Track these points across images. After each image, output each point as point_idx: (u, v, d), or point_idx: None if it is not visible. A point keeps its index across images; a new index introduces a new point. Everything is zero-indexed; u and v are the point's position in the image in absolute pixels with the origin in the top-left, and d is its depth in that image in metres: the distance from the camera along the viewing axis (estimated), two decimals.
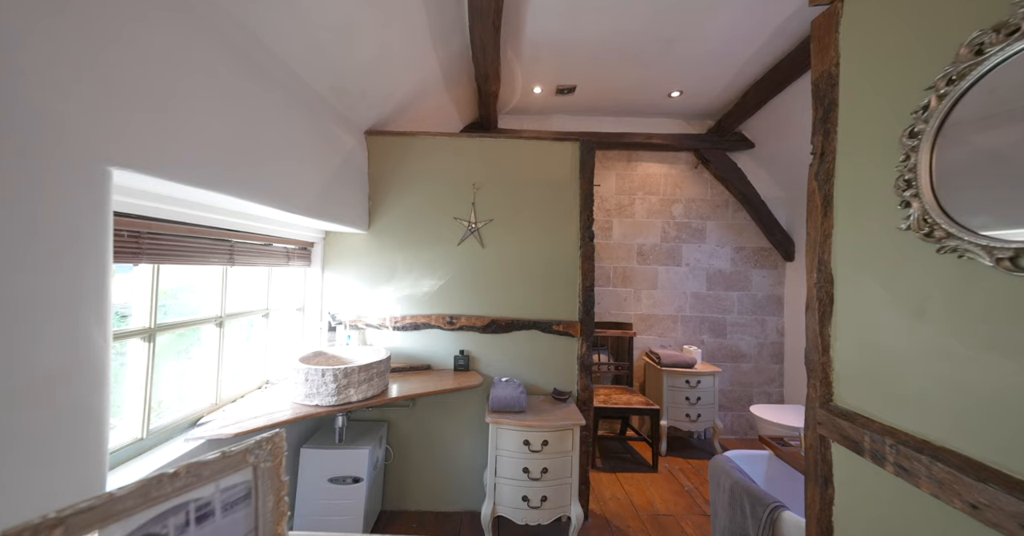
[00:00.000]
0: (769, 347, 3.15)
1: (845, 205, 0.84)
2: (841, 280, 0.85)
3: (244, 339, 1.48)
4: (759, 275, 3.15)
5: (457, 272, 2.01)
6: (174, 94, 0.83)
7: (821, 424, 0.87)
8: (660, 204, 3.12)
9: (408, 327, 1.95)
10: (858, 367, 0.80)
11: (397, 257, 1.98)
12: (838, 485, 0.84)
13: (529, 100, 2.77)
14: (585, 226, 2.00)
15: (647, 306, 3.09)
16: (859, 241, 0.80)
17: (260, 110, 1.12)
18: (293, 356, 1.38)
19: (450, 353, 1.98)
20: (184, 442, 1.03)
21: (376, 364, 1.43)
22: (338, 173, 1.63)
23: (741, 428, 3.12)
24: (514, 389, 1.78)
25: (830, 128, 0.89)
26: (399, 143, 1.99)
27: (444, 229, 2.01)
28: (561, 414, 1.74)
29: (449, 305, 2.00)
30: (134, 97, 0.74)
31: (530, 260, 2.02)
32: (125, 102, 0.72)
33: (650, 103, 2.80)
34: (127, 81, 0.72)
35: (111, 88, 0.69)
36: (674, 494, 2.27)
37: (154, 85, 0.78)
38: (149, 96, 0.77)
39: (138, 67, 0.74)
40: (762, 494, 1.21)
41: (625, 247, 3.09)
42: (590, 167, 2.00)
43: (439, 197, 2.02)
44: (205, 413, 1.16)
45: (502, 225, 2.03)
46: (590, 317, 1.98)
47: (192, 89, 0.87)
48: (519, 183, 2.04)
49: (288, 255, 1.59)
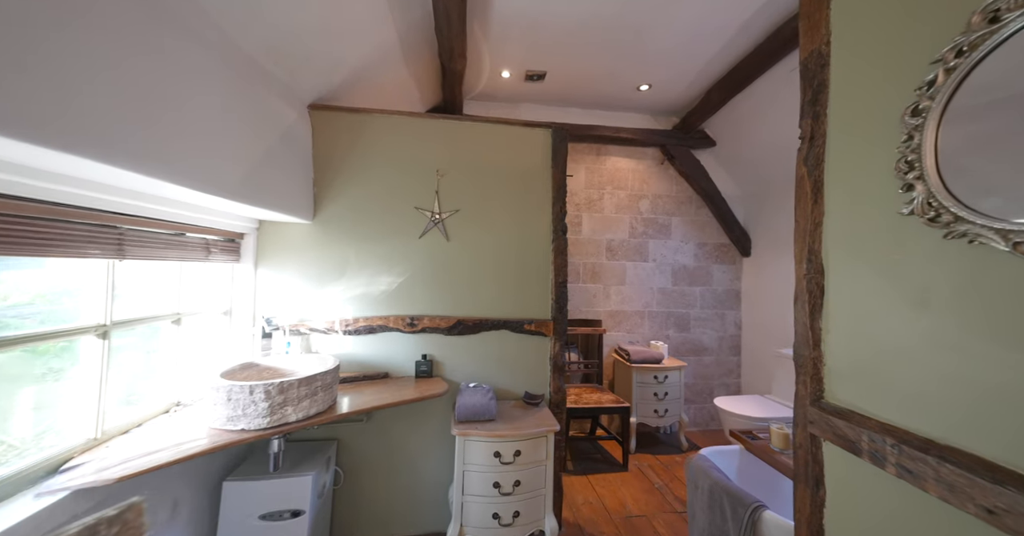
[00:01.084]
0: (728, 340, 3.29)
1: (837, 191, 0.81)
2: (833, 270, 0.82)
3: (147, 352, 1.21)
4: (719, 270, 3.27)
5: (419, 268, 1.84)
6: (36, 24, 0.60)
7: (812, 423, 0.84)
8: (628, 199, 3.13)
9: (362, 331, 1.75)
10: (852, 362, 0.77)
11: (348, 251, 1.77)
12: (830, 487, 0.81)
13: (497, 85, 2.64)
14: (558, 218, 1.91)
15: (616, 302, 3.10)
16: (853, 229, 0.77)
17: (168, 66, 0.89)
18: (214, 371, 1.15)
19: (411, 358, 1.81)
20: (34, 498, 0.76)
21: (321, 375, 1.24)
22: (274, 151, 1.39)
23: (703, 420, 3.23)
24: (483, 395, 1.65)
25: (819, 110, 0.85)
26: (351, 121, 1.78)
27: (404, 220, 1.83)
28: (534, 420, 1.64)
29: (410, 305, 1.82)
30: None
31: (500, 255, 1.90)
32: None
33: (619, 96, 2.79)
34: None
35: None
36: (645, 493, 2.28)
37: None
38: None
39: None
40: (742, 494, 1.19)
41: (594, 242, 3.07)
42: (563, 156, 1.92)
43: (398, 184, 1.83)
44: (79, 452, 0.90)
45: (469, 216, 1.88)
46: (563, 315, 1.90)
47: (70, 28, 0.65)
48: (487, 171, 1.90)
49: (208, 248, 1.33)
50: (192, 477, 1.16)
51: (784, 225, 2.93)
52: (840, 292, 0.80)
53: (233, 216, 1.43)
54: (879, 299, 0.72)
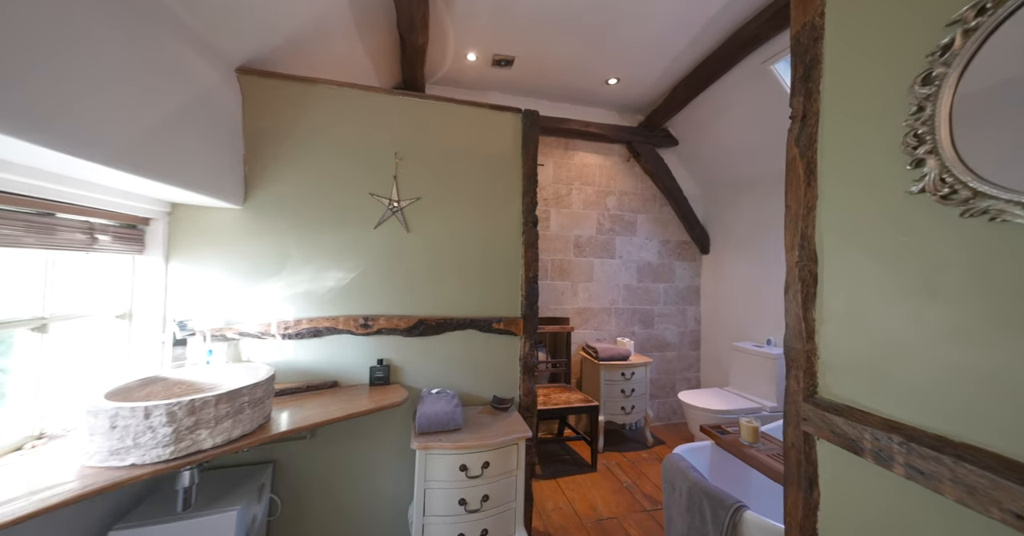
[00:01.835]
0: (689, 335, 3.38)
1: (833, 172, 0.76)
2: (828, 257, 0.77)
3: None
4: (681, 267, 3.35)
5: (374, 262, 1.63)
6: None
7: (807, 420, 0.78)
8: (596, 195, 3.10)
9: (305, 334, 1.52)
10: (850, 354, 0.72)
11: (289, 242, 1.53)
12: (825, 488, 0.76)
13: (462, 69, 2.48)
14: (528, 209, 1.80)
15: (583, 300, 3.06)
16: (851, 212, 0.72)
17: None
18: (97, 390, 0.89)
19: (364, 364, 1.60)
20: None
21: (249, 389, 1.01)
22: (188, 116, 1.14)
23: (666, 414, 3.29)
24: (447, 402, 1.49)
25: (812, 87, 0.80)
26: (292, 92, 1.53)
27: (357, 208, 1.62)
28: (504, 427, 1.51)
29: (363, 304, 1.62)
30: None
31: (466, 248, 1.74)
32: None
33: (588, 89, 2.74)
34: None
35: None
36: (614, 493, 2.23)
37: None
38: None
39: None
40: (722, 495, 1.14)
41: (563, 238, 3.01)
42: (534, 143, 1.80)
43: (350, 167, 1.61)
44: None
45: (432, 205, 1.71)
46: (534, 312, 1.79)
47: None
48: (452, 157, 1.74)
49: (92, 234, 1.04)
50: (64, 531, 0.89)
51: (739, 224, 3.05)
52: (836, 280, 0.75)
53: (132, 195, 1.15)
54: (881, 286, 0.67)
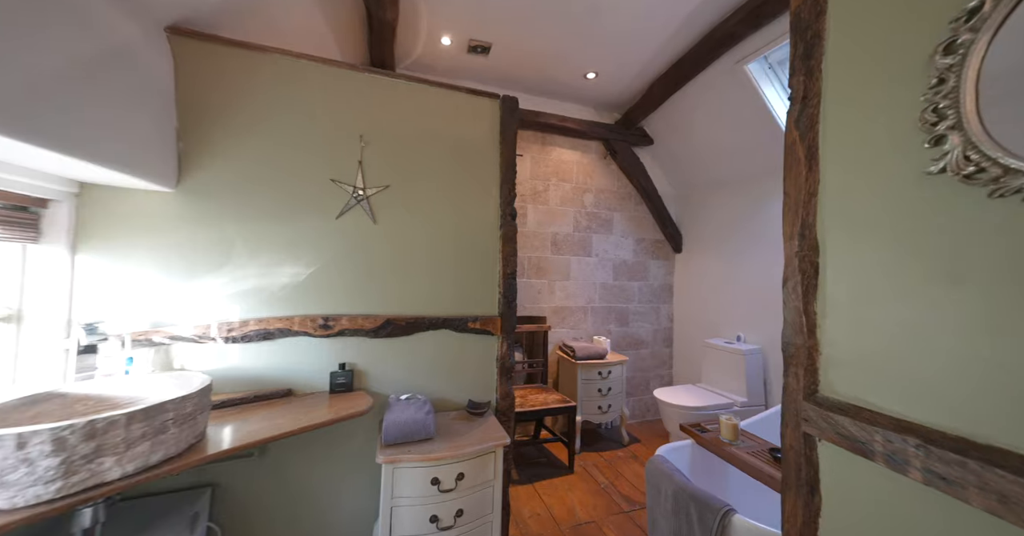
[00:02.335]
0: (662, 332, 3.41)
1: (837, 155, 0.71)
2: (832, 246, 0.72)
3: None
4: (655, 265, 3.37)
5: (336, 256, 1.47)
6: None
7: (808, 421, 0.73)
8: (573, 192, 3.05)
9: (253, 336, 1.33)
10: (856, 350, 0.67)
11: (234, 232, 1.33)
12: (827, 494, 0.71)
13: (436, 54, 2.33)
14: (507, 201, 1.69)
15: (560, 298, 2.99)
16: (858, 196, 0.67)
17: None
18: None
19: (324, 369, 1.43)
20: None
21: (176, 403, 0.84)
22: (98, 75, 0.93)
23: (640, 412, 3.29)
24: (417, 409, 1.35)
25: (813, 66, 0.75)
26: (238, 59, 1.34)
27: (316, 195, 1.44)
28: (480, 434, 1.39)
29: (323, 302, 1.45)
30: None
31: (439, 241, 1.61)
32: None
33: (566, 83, 2.67)
34: None
35: None
36: (592, 495, 2.17)
37: None
38: None
39: None
40: (710, 499, 1.08)
41: (540, 235, 2.93)
42: (512, 131, 1.70)
43: (308, 149, 1.43)
44: None
45: (401, 194, 1.56)
46: (512, 310, 1.68)
47: None
48: (425, 143, 1.60)
49: None
50: None
51: (710, 224, 3.10)
52: (840, 270, 0.70)
53: (20, 169, 0.93)
54: (892, 275, 0.62)
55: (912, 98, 0.59)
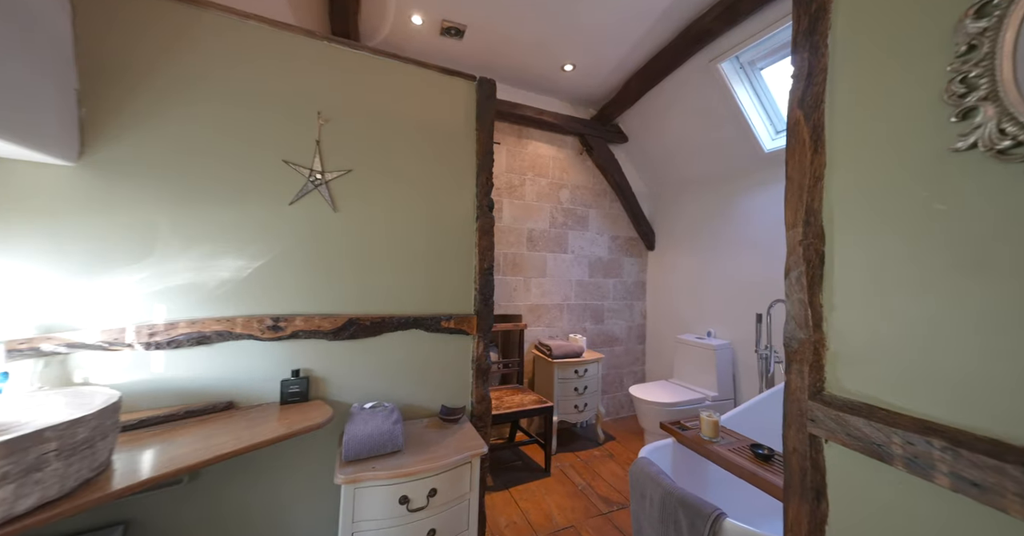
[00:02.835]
0: (636, 329, 3.42)
1: (846, 134, 0.66)
2: (840, 233, 0.67)
3: None
4: (629, 263, 3.38)
5: (289, 248, 1.28)
6: None
7: (814, 421, 0.67)
8: (549, 188, 2.98)
9: (184, 341, 1.12)
10: (869, 345, 0.62)
11: (159, 218, 1.12)
12: (836, 500, 0.66)
13: (406, 34, 2.17)
14: (483, 192, 1.57)
15: (536, 296, 2.91)
16: (871, 178, 0.62)
17: None
18: None
19: (274, 376, 1.24)
20: None
21: (62, 430, 0.65)
22: None
23: (614, 409, 3.28)
24: (384, 419, 1.20)
25: (819, 40, 0.70)
26: (165, 13, 1.12)
27: (265, 178, 1.25)
28: (454, 443, 1.27)
29: (272, 300, 1.26)
30: None
31: (409, 233, 1.46)
32: None
33: (543, 75, 2.59)
34: None
35: None
36: (569, 497, 2.10)
37: None
38: None
39: None
40: (699, 504, 1.03)
41: (516, 231, 2.82)
42: (490, 117, 1.58)
43: (255, 123, 1.24)
44: None
45: (366, 180, 1.40)
46: (489, 308, 1.56)
47: None
48: (393, 124, 1.45)
49: None
50: None
51: (681, 222, 3.14)
52: (850, 259, 0.65)
53: None
54: (912, 264, 0.57)
55: (935, 68, 0.54)
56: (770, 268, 2.42)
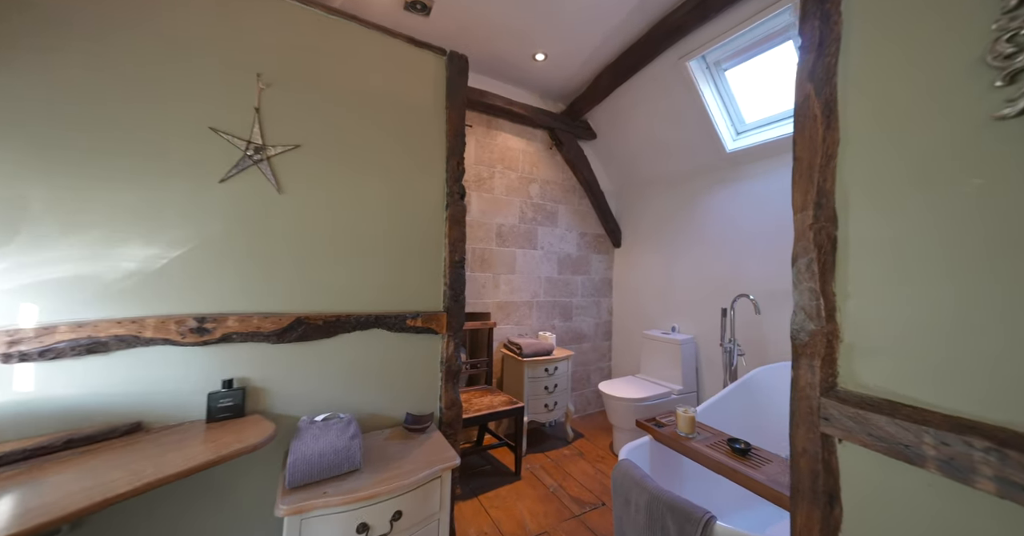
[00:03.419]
0: (603, 326, 3.43)
1: (864, 108, 0.61)
2: (856, 215, 0.62)
3: None
4: (597, 259, 3.37)
5: (219, 234, 1.06)
6: None
7: (828, 420, 0.62)
8: (519, 182, 2.87)
9: (66, 350, 0.86)
10: (890, 335, 0.57)
11: (30, 192, 0.85)
12: (850, 505, 0.61)
13: (365, 4, 1.94)
14: (454, 177, 1.42)
15: (505, 293, 2.79)
16: (895, 155, 0.58)
17: None
18: None
19: (199, 389, 1.01)
20: None
21: None
22: None
23: (582, 405, 3.26)
24: (339, 434, 1.03)
25: (830, 8, 0.65)
26: None
27: (186, 147, 1.02)
28: (422, 455, 1.12)
29: (198, 297, 1.03)
30: None
31: (369, 221, 1.28)
32: None
33: (514, 63, 2.47)
34: None
35: None
36: (541, 501, 2.02)
37: None
38: None
39: None
40: (688, 508, 0.97)
41: (484, 226, 2.69)
42: (461, 96, 1.44)
43: (171, 78, 1.00)
44: None
45: (319, 159, 1.20)
46: (460, 305, 1.42)
47: None
48: (351, 96, 1.26)
49: None
50: None
51: (647, 220, 3.19)
52: (868, 243, 0.60)
53: None
54: (938, 245, 0.53)
55: (977, 27, 0.49)
56: (731, 264, 2.50)
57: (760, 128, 2.33)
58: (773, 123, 2.26)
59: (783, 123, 2.20)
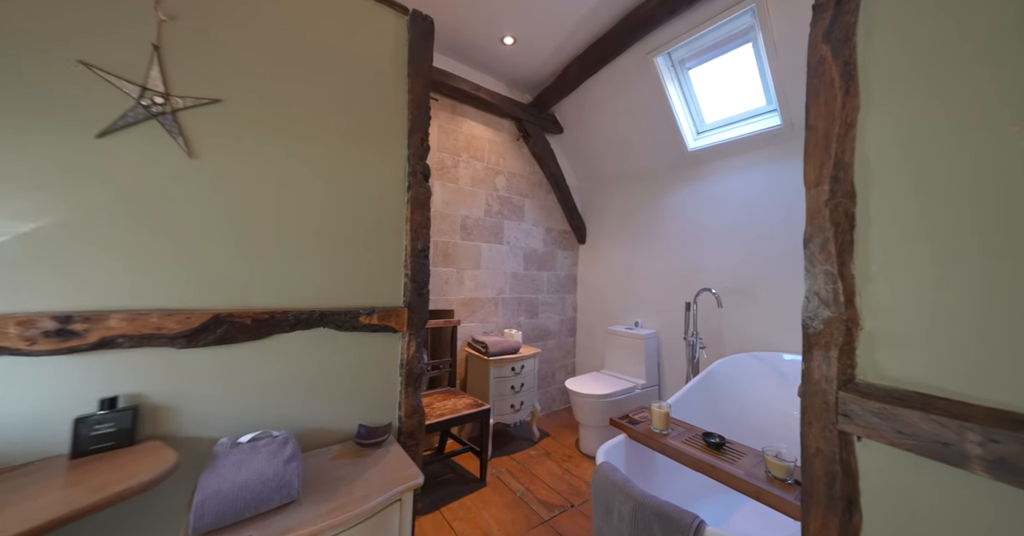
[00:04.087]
0: (567, 322, 3.38)
1: (887, 69, 0.55)
2: (879, 189, 0.56)
3: None
4: (563, 256, 3.32)
5: (92, 206, 0.79)
6: None
7: (849, 417, 0.55)
8: (485, 173, 2.72)
9: None
10: (918, 321, 0.51)
11: None
12: (871, 510, 0.54)
13: None
14: (417, 155, 1.24)
15: (470, 289, 2.63)
16: (921, 119, 0.51)
17: None
18: None
19: (60, 414, 0.74)
20: None
21: None
22: None
23: (546, 403, 3.19)
24: (269, 458, 0.81)
25: None
26: None
27: (46, 85, 0.74)
28: (377, 476, 0.93)
29: (58, 289, 0.76)
30: None
31: (313, 200, 1.07)
32: None
33: (481, 46, 2.32)
34: None
35: None
36: (508, 508, 1.89)
37: None
38: None
39: None
40: (676, 513, 0.89)
41: (449, 218, 2.50)
42: (426, 63, 1.26)
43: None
44: None
45: (246, 119, 0.96)
46: (423, 299, 1.24)
47: None
48: (290, 48, 1.03)
49: None
50: None
51: (610, 216, 3.19)
52: (892, 219, 0.54)
53: None
54: (978, 218, 0.47)
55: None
56: (690, 261, 2.55)
57: (719, 129, 2.38)
58: (731, 124, 2.32)
59: (741, 125, 2.27)
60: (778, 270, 2.10)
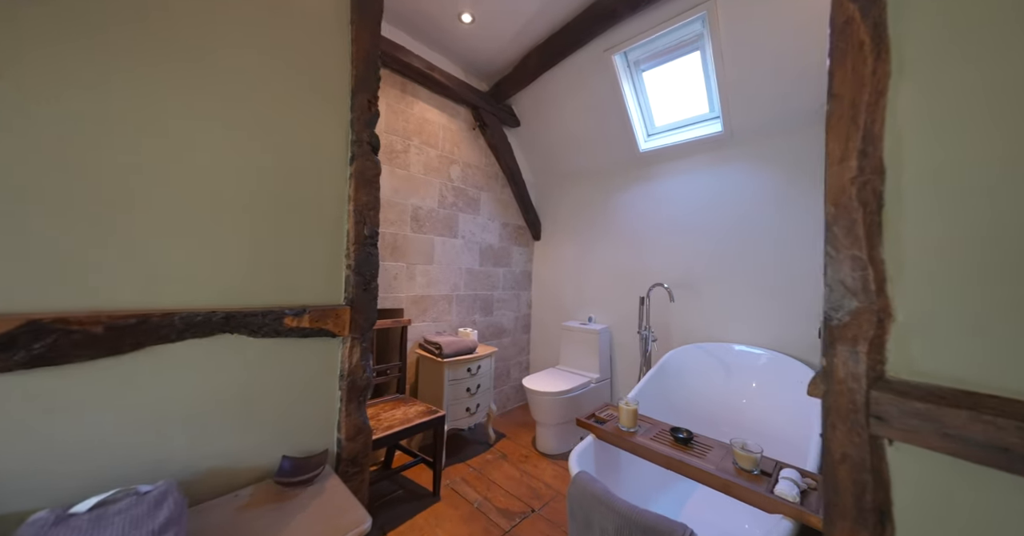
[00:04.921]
0: (522, 319, 3.27)
1: (923, 30, 0.48)
2: (914, 163, 0.49)
3: None
4: (518, 252, 3.19)
5: None
6: None
7: (882, 419, 0.48)
8: (439, 161, 2.48)
9: None
10: (966, 312, 0.45)
11: None
12: (906, 523, 0.48)
13: None
14: (362, 121, 1.00)
15: (422, 285, 2.37)
16: (964, 82, 0.45)
17: None
18: None
19: None
20: None
21: None
22: None
23: (501, 403, 3.05)
24: (127, 531, 0.54)
25: None
26: None
27: None
28: (305, 526, 0.69)
29: None
30: None
31: (218, 166, 0.78)
32: None
33: (436, 20, 2.08)
34: None
35: None
36: (465, 522, 1.70)
37: None
38: None
39: None
40: (663, 526, 0.80)
41: (398, 207, 2.22)
42: (375, 9, 1.02)
43: None
44: None
45: (115, 46, 0.65)
46: (370, 295, 1.01)
47: None
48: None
49: None
50: None
51: (564, 213, 3.14)
52: (929, 198, 0.47)
53: None
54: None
55: None
56: (640, 258, 2.59)
57: (667, 132, 2.44)
58: (679, 128, 2.38)
59: (687, 129, 2.34)
60: (720, 267, 2.20)
